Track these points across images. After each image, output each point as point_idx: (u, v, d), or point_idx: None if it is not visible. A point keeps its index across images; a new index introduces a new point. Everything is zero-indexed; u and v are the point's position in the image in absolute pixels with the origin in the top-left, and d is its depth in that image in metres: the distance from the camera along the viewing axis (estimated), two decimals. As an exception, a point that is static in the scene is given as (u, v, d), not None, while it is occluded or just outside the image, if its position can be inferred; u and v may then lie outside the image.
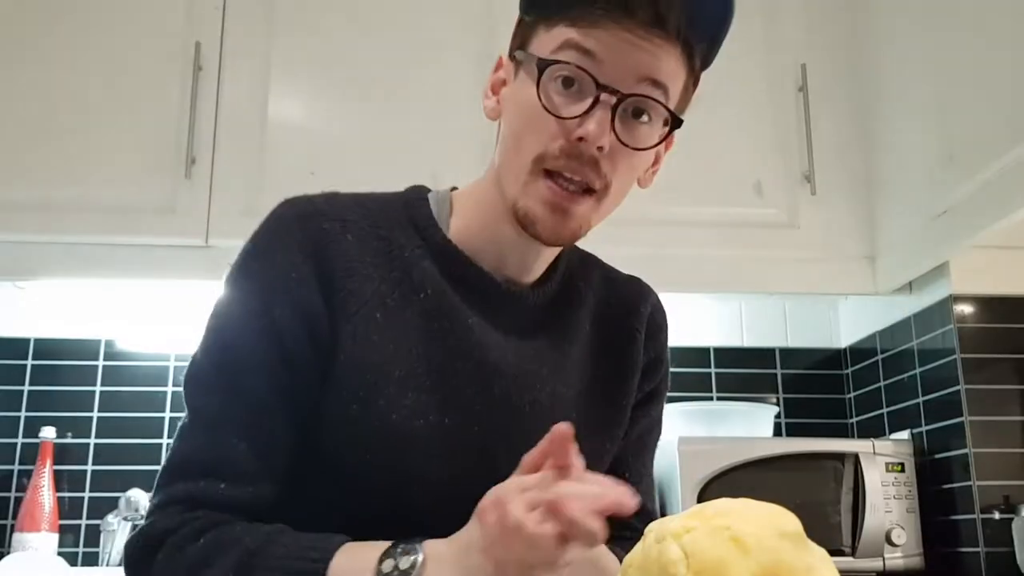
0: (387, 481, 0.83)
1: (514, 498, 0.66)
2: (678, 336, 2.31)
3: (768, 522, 0.57)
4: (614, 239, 2.03)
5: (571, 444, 0.70)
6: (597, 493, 0.66)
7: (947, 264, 1.89)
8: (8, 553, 1.98)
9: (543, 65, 0.80)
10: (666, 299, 2.40)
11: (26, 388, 2.19)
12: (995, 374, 1.86)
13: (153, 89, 2.00)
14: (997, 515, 1.79)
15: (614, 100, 0.79)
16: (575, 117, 0.79)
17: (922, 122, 1.88)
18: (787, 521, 0.58)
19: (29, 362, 2.21)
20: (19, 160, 1.95)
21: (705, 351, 2.37)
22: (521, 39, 0.86)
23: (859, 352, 2.31)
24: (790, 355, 2.39)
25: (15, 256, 1.92)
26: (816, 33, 2.17)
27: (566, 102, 0.80)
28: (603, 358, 0.96)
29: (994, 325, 1.89)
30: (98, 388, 2.21)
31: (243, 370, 0.82)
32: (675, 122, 0.84)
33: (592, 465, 0.91)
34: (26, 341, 2.22)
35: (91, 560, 2.10)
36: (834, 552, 1.86)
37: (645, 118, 0.82)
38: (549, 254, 0.93)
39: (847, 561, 1.85)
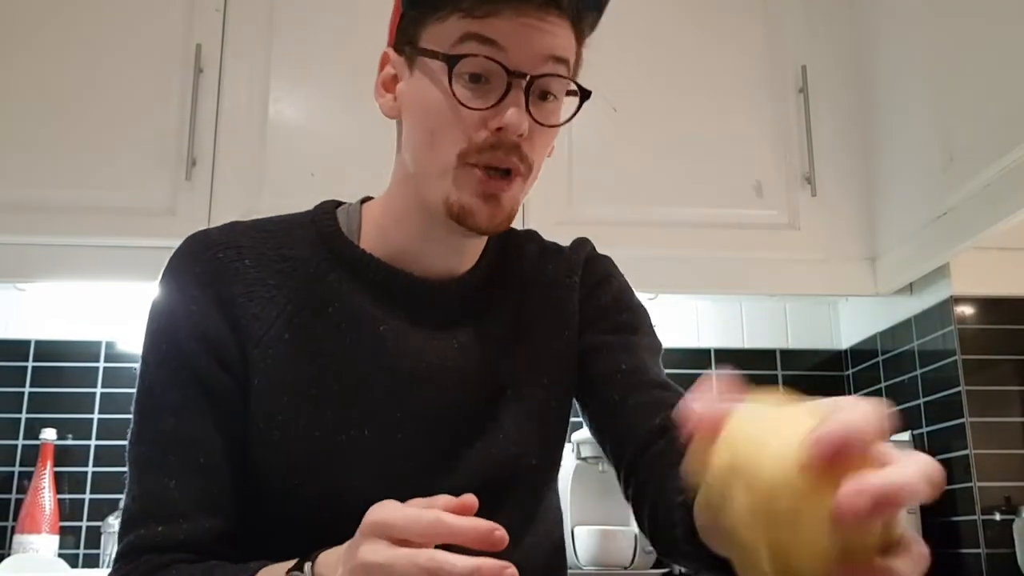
0: (323, 500, 0.83)
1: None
2: (679, 337, 2.34)
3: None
4: (614, 240, 2.03)
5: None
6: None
7: (948, 265, 1.89)
8: (8, 555, 1.98)
9: (453, 61, 0.80)
10: (667, 300, 2.42)
11: (27, 390, 2.19)
12: (996, 375, 1.86)
13: (154, 91, 2.00)
14: (998, 516, 1.79)
15: (524, 84, 0.80)
16: (490, 107, 0.80)
17: (922, 123, 1.88)
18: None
19: (30, 364, 2.21)
20: (20, 162, 1.95)
21: (706, 352, 2.37)
22: (409, 34, 0.85)
23: (860, 353, 2.31)
24: (791, 356, 2.39)
25: (16, 258, 1.92)
26: (816, 34, 2.17)
27: (476, 95, 0.80)
28: (538, 324, 0.94)
29: (995, 326, 1.89)
30: (99, 390, 2.21)
31: (163, 412, 0.83)
32: (584, 94, 0.85)
33: (540, 427, 0.91)
34: (27, 343, 2.22)
35: (92, 562, 2.10)
36: (835, 553, 1.86)
37: (552, 95, 0.83)
38: (477, 243, 0.92)
39: (848, 562, 1.85)
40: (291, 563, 0.70)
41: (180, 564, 0.78)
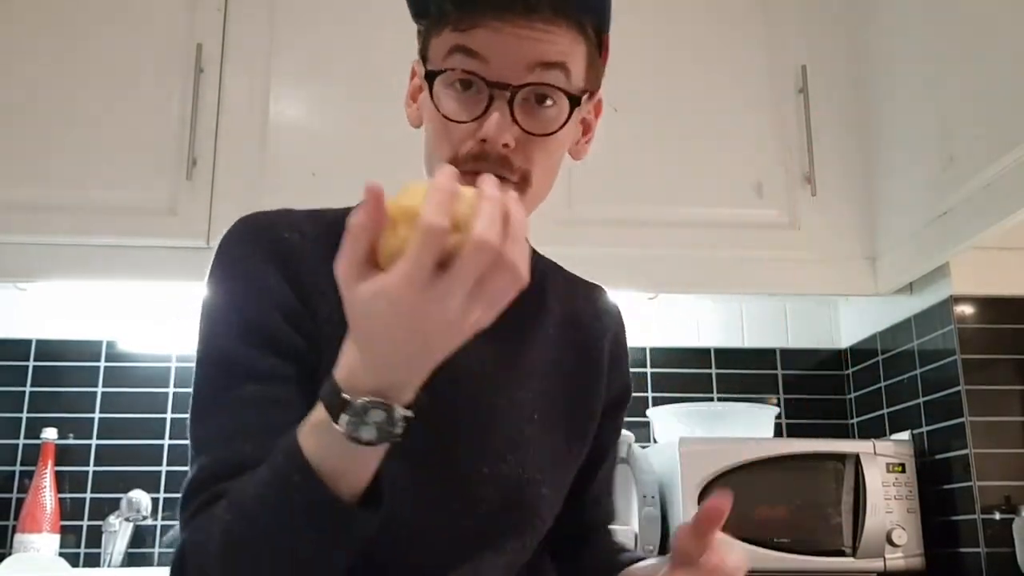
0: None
1: None
2: (679, 337, 2.34)
3: None
4: (615, 240, 2.05)
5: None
6: None
7: (947, 265, 1.90)
8: (10, 554, 1.98)
9: (431, 76, 0.82)
10: (667, 299, 2.43)
11: (28, 389, 2.19)
12: (996, 375, 1.86)
13: (154, 91, 2.00)
14: (998, 515, 1.79)
15: (508, 95, 0.80)
16: (474, 120, 0.81)
17: (922, 123, 1.88)
18: None
19: (31, 363, 2.21)
20: (21, 162, 1.95)
21: (706, 352, 2.37)
22: (422, 46, 0.87)
23: (860, 353, 2.31)
24: (791, 356, 2.39)
25: (17, 257, 1.92)
26: (816, 34, 2.17)
27: (465, 106, 0.82)
28: (568, 362, 0.96)
29: (994, 326, 1.89)
30: (100, 389, 2.21)
31: (241, 380, 0.80)
32: (572, 99, 0.83)
33: (555, 463, 0.93)
34: (28, 342, 2.22)
35: (92, 561, 2.10)
36: (835, 552, 1.86)
37: (549, 102, 0.82)
38: None
39: (848, 562, 1.85)
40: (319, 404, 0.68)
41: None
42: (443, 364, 0.86)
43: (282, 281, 0.83)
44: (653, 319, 2.33)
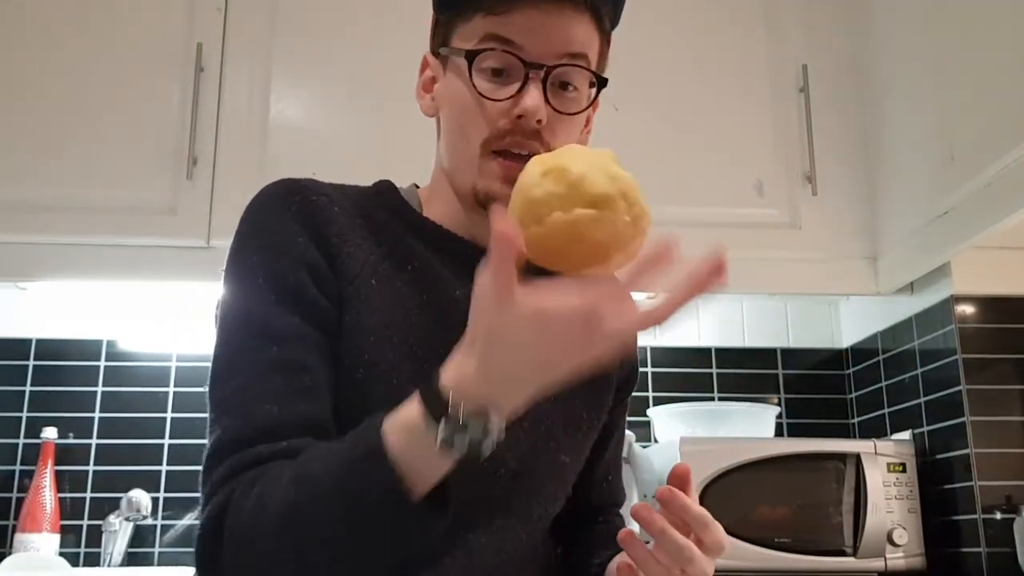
0: None
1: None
2: (679, 336, 2.34)
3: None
4: (615, 240, 2.04)
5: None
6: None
7: (948, 264, 1.89)
8: (10, 553, 1.98)
9: (471, 56, 0.86)
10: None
11: (28, 388, 2.19)
12: (996, 374, 1.86)
13: (155, 90, 2.00)
14: (999, 515, 1.79)
15: (542, 74, 0.85)
16: (510, 98, 0.85)
17: (923, 122, 1.88)
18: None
19: (31, 363, 2.21)
20: (21, 161, 1.95)
21: (706, 351, 2.37)
22: (443, 36, 0.91)
23: (860, 352, 2.31)
24: (791, 355, 2.39)
25: (17, 257, 1.92)
26: (816, 34, 2.17)
27: (497, 88, 0.86)
28: None
29: (995, 325, 1.89)
30: (100, 389, 2.21)
31: (264, 340, 0.81)
32: (600, 82, 0.90)
33: (572, 430, 0.96)
34: (28, 342, 2.22)
35: (92, 561, 2.10)
36: (836, 552, 1.86)
37: (572, 88, 0.88)
38: None
39: (848, 561, 1.85)
40: (414, 397, 0.69)
41: (280, 462, 0.74)
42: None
43: (310, 241, 0.86)
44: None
